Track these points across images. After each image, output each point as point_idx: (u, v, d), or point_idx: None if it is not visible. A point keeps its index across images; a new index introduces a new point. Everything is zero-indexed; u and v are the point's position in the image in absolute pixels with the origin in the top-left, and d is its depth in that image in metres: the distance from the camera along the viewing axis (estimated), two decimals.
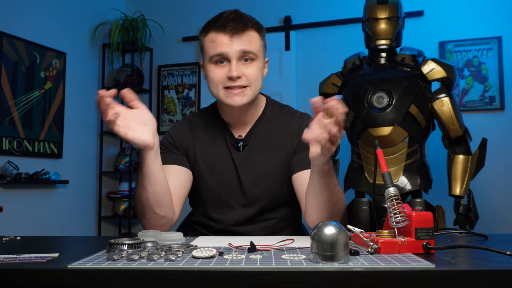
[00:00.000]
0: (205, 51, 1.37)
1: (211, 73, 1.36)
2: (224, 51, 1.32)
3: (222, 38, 1.32)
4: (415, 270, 0.77)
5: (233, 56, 1.32)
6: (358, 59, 2.62)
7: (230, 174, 1.40)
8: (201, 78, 4.14)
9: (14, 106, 3.26)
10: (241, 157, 1.40)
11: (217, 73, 1.34)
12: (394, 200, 0.98)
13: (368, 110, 2.46)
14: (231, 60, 1.32)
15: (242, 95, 1.34)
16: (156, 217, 1.28)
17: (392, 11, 2.50)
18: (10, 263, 0.86)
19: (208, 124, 1.46)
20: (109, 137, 4.21)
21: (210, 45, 1.34)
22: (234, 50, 1.32)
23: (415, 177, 2.47)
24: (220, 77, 1.34)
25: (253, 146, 1.42)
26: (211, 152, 1.42)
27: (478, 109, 3.40)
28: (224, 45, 1.32)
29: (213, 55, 1.34)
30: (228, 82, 1.33)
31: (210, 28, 1.35)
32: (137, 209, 1.31)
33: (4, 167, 3.09)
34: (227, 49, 1.32)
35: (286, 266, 0.80)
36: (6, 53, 3.21)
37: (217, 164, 1.41)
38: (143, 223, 1.32)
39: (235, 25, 1.32)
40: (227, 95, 1.34)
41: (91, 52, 4.05)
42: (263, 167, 1.39)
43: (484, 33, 3.41)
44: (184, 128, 1.47)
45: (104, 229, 4.10)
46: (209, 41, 1.35)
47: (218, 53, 1.32)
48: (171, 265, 0.82)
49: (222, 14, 1.36)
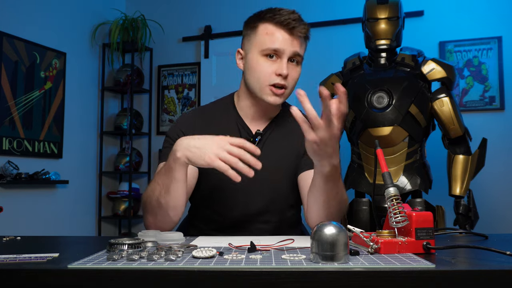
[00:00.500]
0: (256, 40, 1.36)
1: (259, 66, 1.34)
2: (281, 48, 1.32)
3: (282, 34, 1.32)
4: (415, 270, 0.77)
5: (286, 54, 1.33)
6: (358, 59, 2.62)
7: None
8: (201, 78, 4.12)
9: (14, 106, 3.26)
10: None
11: (266, 67, 1.34)
12: (394, 200, 0.98)
13: (368, 110, 2.46)
14: (282, 58, 1.32)
15: (281, 96, 1.35)
16: (167, 218, 1.27)
17: (392, 11, 2.50)
18: (10, 263, 0.86)
19: (222, 117, 1.44)
20: (109, 137, 4.21)
21: (267, 37, 1.33)
22: (290, 49, 1.33)
23: (415, 177, 2.47)
24: (267, 72, 1.33)
25: (267, 143, 1.41)
26: None
27: (478, 109, 3.40)
28: (284, 41, 1.32)
29: (268, 48, 1.33)
30: (275, 79, 1.33)
31: (268, 19, 1.34)
32: (149, 208, 1.27)
33: (4, 167, 3.09)
34: (285, 47, 1.32)
35: (286, 266, 0.80)
36: (6, 53, 3.21)
37: None
38: (148, 221, 1.29)
39: (299, 26, 1.33)
40: (270, 92, 1.34)
41: (91, 52, 4.05)
42: (275, 164, 1.39)
43: (484, 33, 3.41)
44: (194, 120, 1.44)
45: (104, 229, 4.10)
46: (265, 33, 1.34)
47: (275, 48, 1.32)
48: (171, 265, 0.82)
49: (281, 9, 1.35)
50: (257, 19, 1.37)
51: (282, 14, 1.33)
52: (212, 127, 1.40)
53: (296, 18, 1.34)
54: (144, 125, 4.25)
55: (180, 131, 1.41)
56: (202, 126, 1.41)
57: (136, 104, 4.13)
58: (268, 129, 1.43)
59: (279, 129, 1.44)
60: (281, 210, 1.42)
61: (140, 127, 4.19)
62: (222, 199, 1.40)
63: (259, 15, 1.37)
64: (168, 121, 4.24)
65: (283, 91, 1.34)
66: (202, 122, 1.43)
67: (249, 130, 1.42)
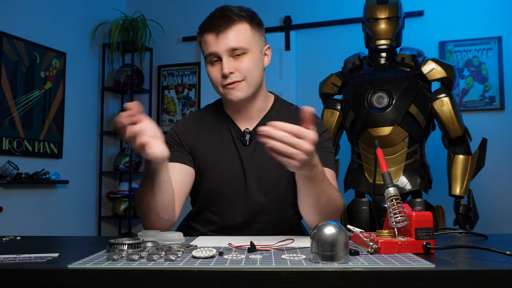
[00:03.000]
0: (202, 52, 1.41)
1: (209, 74, 1.39)
2: (213, 50, 1.35)
3: (210, 37, 1.35)
4: (415, 270, 0.77)
5: (222, 54, 1.34)
6: (358, 59, 2.62)
7: (235, 169, 1.39)
8: (201, 78, 4.14)
9: (14, 106, 3.26)
10: (247, 152, 1.40)
11: (214, 72, 1.38)
12: (394, 200, 0.98)
13: (368, 110, 2.46)
14: (223, 58, 1.34)
15: (237, 90, 1.35)
16: (160, 220, 1.29)
17: (392, 11, 2.50)
18: (10, 263, 0.86)
19: (214, 119, 1.47)
20: (109, 137, 4.21)
21: (203, 46, 1.38)
22: (221, 48, 1.34)
23: (415, 177, 2.47)
24: (216, 76, 1.37)
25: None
26: (216, 146, 1.42)
27: (478, 109, 3.40)
28: (213, 44, 1.35)
29: (206, 55, 1.38)
30: (223, 81, 1.35)
31: (202, 29, 1.39)
32: (141, 212, 1.31)
33: (4, 167, 3.09)
34: (216, 48, 1.34)
35: (286, 266, 0.80)
36: (6, 53, 3.21)
37: (222, 158, 1.41)
38: (144, 224, 1.33)
39: (220, 22, 1.34)
40: (226, 92, 1.37)
41: (91, 52, 4.05)
42: (269, 164, 1.39)
43: (484, 33, 3.41)
44: (189, 123, 1.48)
45: (104, 229, 4.10)
46: (203, 42, 1.39)
47: (209, 53, 1.36)
48: (171, 265, 0.82)
49: (212, 13, 1.39)
50: (198, 32, 1.41)
51: (210, 18, 1.37)
52: (204, 131, 1.45)
53: (219, 16, 1.35)
54: None
55: (175, 133, 1.45)
56: (195, 128, 1.45)
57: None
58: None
59: None
60: (281, 209, 1.42)
61: None
62: (221, 200, 1.41)
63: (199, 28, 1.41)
64: (168, 121, 4.24)
65: (236, 84, 1.35)
66: (195, 125, 1.47)
67: (238, 129, 1.43)
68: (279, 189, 1.40)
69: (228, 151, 1.41)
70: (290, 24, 3.87)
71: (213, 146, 1.42)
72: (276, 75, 3.80)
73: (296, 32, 3.87)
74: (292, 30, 3.86)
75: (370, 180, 2.52)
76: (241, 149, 1.41)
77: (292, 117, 1.43)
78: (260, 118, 1.44)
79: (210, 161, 1.41)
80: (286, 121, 1.37)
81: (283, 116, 1.42)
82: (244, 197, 1.39)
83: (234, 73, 1.34)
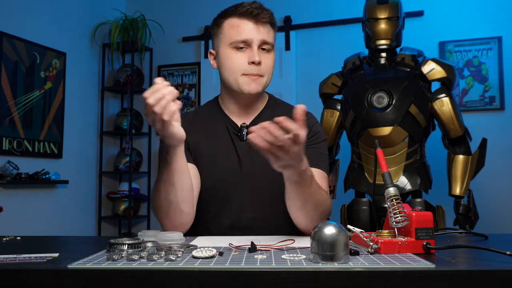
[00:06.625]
0: (223, 36, 1.37)
1: (229, 59, 1.36)
2: (249, 37, 1.33)
3: (247, 24, 1.34)
4: (415, 270, 0.77)
5: (256, 43, 1.33)
6: (358, 59, 2.62)
7: (232, 165, 1.39)
8: (201, 78, 4.13)
9: (14, 106, 3.26)
10: (244, 147, 1.40)
11: (239, 58, 1.34)
12: (394, 200, 0.98)
13: (368, 110, 2.46)
14: (252, 47, 1.33)
15: (257, 83, 1.35)
16: (182, 214, 1.27)
17: (392, 11, 2.50)
18: (10, 263, 0.86)
19: (210, 117, 1.46)
20: (109, 137, 4.21)
21: (232, 30, 1.35)
22: (256, 37, 1.33)
23: (415, 177, 2.47)
24: (240, 63, 1.34)
25: None
26: (214, 143, 1.42)
27: (478, 109, 3.40)
28: (250, 31, 1.33)
29: (235, 40, 1.34)
30: (248, 69, 1.34)
31: (231, 14, 1.36)
32: (161, 209, 1.27)
33: (4, 167, 3.09)
34: (252, 36, 1.33)
35: (286, 266, 0.80)
36: (6, 53, 3.21)
37: (219, 155, 1.40)
38: (164, 224, 1.30)
39: (262, 13, 1.34)
40: (246, 81, 1.35)
41: (91, 52, 4.05)
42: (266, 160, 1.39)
43: (484, 33, 3.41)
44: (186, 121, 1.47)
45: (104, 229, 4.10)
46: (230, 27, 1.35)
47: (243, 39, 1.33)
48: (171, 265, 0.82)
49: (242, 3, 1.37)
50: (221, 17, 1.39)
51: (244, 6, 1.35)
52: (201, 128, 1.44)
53: (258, 6, 1.35)
54: (144, 125, 4.25)
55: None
56: (191, 127, 1.43)
57: (136, 104, 4.13)
58: (255, 123, 1.42)
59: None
60: (278, 203, 1.41)
61: (140, 127, 4.19)
62: (220, 200, 1.40)
63: (222, 13, 1.39)
64: None
65: (258, 77, 1.35)
66: (191, 123, 1.45)
67: (235, 125, 1.43)
68: (277, 186, 1.39)
69: (225, 147, 1.41)
70: (290, 24, 3.87)
71: (211, 143, 1.42)
72: (276, 75, 3.78)
73: (296, 32, 3.87)
74: (292, 30, 3.86)
75: (370, 180, 2.52)
76: (238, 144, 1.40)
77: (288, 114, 1.43)
78: (256, 114, 1.44)
79: (209, 158, 1.41)
80: (280, 115, 1.35)
81: (278, 113, 1.42)
82: (243, 197, 1.39)
83: (261, 65, 1.34)
